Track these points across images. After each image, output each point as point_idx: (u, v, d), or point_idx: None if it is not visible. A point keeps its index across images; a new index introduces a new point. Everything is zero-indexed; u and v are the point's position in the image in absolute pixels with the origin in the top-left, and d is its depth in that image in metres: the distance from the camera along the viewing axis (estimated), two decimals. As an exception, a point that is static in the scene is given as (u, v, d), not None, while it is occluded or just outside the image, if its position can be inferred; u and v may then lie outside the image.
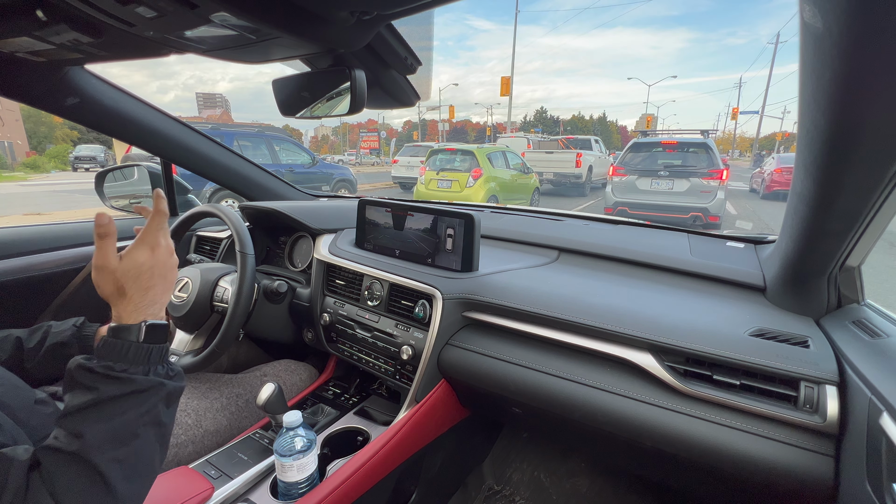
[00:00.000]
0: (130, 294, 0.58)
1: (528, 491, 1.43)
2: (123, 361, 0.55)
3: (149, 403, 0.55)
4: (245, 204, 1.42)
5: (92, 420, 0.51)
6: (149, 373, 0.56)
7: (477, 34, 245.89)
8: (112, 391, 0.53)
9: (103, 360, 0.54)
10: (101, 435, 0.50)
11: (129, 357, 0.55)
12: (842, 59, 0.41)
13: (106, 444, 0.50)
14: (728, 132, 63.78)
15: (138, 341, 0.56)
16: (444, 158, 8.04)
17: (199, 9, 0.58)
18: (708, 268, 1.04)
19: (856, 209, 0.59)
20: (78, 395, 0.53)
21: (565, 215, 1.52)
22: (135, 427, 0.53)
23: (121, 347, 0.55)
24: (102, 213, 0.58)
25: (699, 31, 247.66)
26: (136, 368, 0.55)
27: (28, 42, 0.80)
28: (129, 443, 0.52)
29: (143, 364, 0.56)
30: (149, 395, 0.55)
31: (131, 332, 0.57)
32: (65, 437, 0.50)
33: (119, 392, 0.53)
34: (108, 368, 0.54)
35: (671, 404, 0.75)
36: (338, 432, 1.05)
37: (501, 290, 0.98)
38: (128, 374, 0.54)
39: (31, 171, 20.88)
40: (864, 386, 0.57)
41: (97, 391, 0.52)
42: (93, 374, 0.53)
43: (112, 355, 0.55)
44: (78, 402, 0.52)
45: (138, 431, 0.53)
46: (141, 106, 1.27)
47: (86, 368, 0.53)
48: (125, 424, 0.52)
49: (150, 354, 0.57)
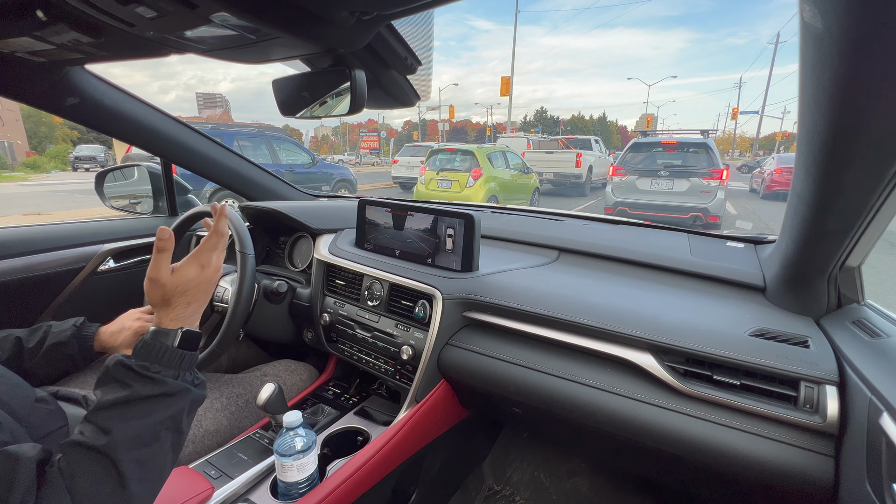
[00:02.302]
0: (174, 305, 0.62)
1: (528, 491, 1.43)
2: (158, 363, 0.57)
3: (174, 408, 0.57)
4: (245, 204, 1.42)
5: (121, 417, 0.53)
6: (178, 377, 0.58)
7: (478, 34, 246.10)
8: (145, 391, 0.55)
9: (141, 359, 0.57)
10: (128, 433, 0.52)
11: (164, 360, 0.58)
12: (842, 59, 0.41)
13: (131, 443, 0.52)
14: (728, 132, 63.81)
15: (174, 346, 0.59)
16: (444, 158, 8.04)
17: (199, 9, 0.58)
18: (708, 268, 1.04)
19: (856, 209, 0.58)
20: (111, 390, 0.55)
21: (565, 215, 1.52)
22: (158, 430, 0.55)
23: (158, 349, 0.58)
24: (165, 228, 0.62)
25: (699, 31, 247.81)
26: (168, 371, 0.58)
27: (28, 42, 0.80)
28: (151, 445, 0.54)
29: (175, 368, 0.59)
30: (176, 399, 0.57)
31: (168, 337, 0.60)
32: (92, 431, 0.52)
33: (151, 392, 0.55)
34: (145, 368, 0.56)
35: (671, 404, 0.75)
36: (338, 432, 1.05)
37: (501, 290, 0.98)
38: (161, 375, 0.56)
39: (31, 171, 20.88)
40: (864, 386, 0.57)
41: (131, 388, 0.54)
42: (130, 372, 0.55)
43: (149, 356, 0.57)
44: (111, 398, 0.54)
45: (160, 435, 0.55)
46: (141, 106, 1.27)
47: (124, 365, 0.56)
48: (150, 426, 0.54)
49: (182, 360, 0.59)
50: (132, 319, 1.03)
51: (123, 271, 1.44)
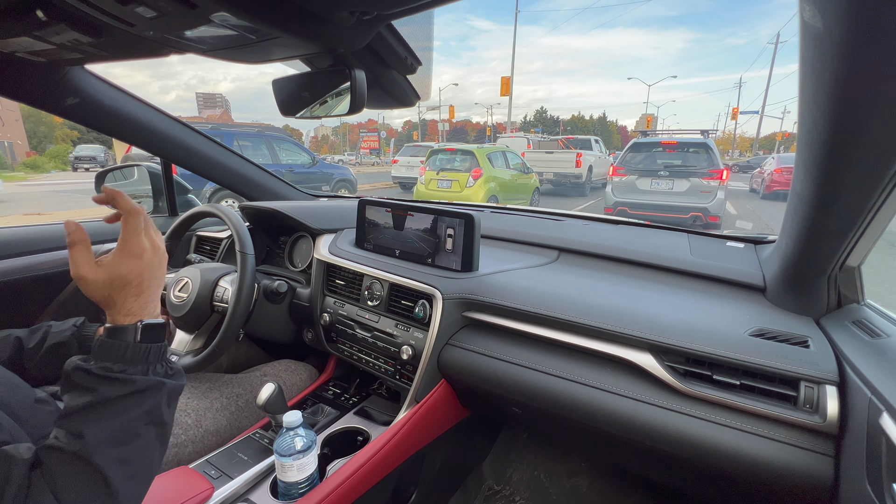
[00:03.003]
0: (121, 302, 0.57)
1: (528, 491, 1.43)
2: (122, 362, 0.54)
3: (149, 403, 0.54)
4: (245, 204, 1.42)
5: (92, 420, 0.50)
6: (148, 372, 0.55)
7: (478, 34, 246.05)
8: (111, 392, 0.52)
9: (101, 360, 0.53)
10: (102, 435, 0.50)
11: (126, 357, 0.54)
12: (842, 59, 0.41)
13: (106, 444, 0.50)
14: (728, 132, 63.79)
15: (135, 341, 0.55)
16: (444, 158, 8.04)
17: (199, 9, 0.58)
18: (708, 268, 1.04)
19: (856, 209, 0.58)
20: (76, 396, 0.52)
21: (565, 215, 1.52)
22: (136, 427, 0.53)
23: (118, 348, 0.54)
24: (70, 221, 0.56)
25: (700, 31, 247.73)
26: (134, 368, 0.54)
27: (28, 42, 0.80)
28: (130, 442, 0.52)
29: (142, 364, 0.55)
30: (149, 394, 0.54)
31: (127, 333, 0.55)
32: (65, 436, 0.50)
33: (118, 393, 0.52)
34: (107, 370, 0.53)
35: (671, 404, 0.75)
36: (338, 432, 1.05)
37: (501, 290, 0.98)
38: (126, 374, 0.53)
39: (31, 171, 20.88)
40: (864, 386, 0.57)
41: (95, 392, 0.51)
42: (90, 376, 0.52)
43: (109, 356, 0.54)
44: (77, 403, 0.51)
45: (139, 431, 0.53)
46: (141, 106, 1.27)
47: (83, 370, 0.52)
48: (126, 424, 0.52)
49: (148, 354, 0.56)
50: (132, 319, 1.03)
51: (123, 271, 1.44)
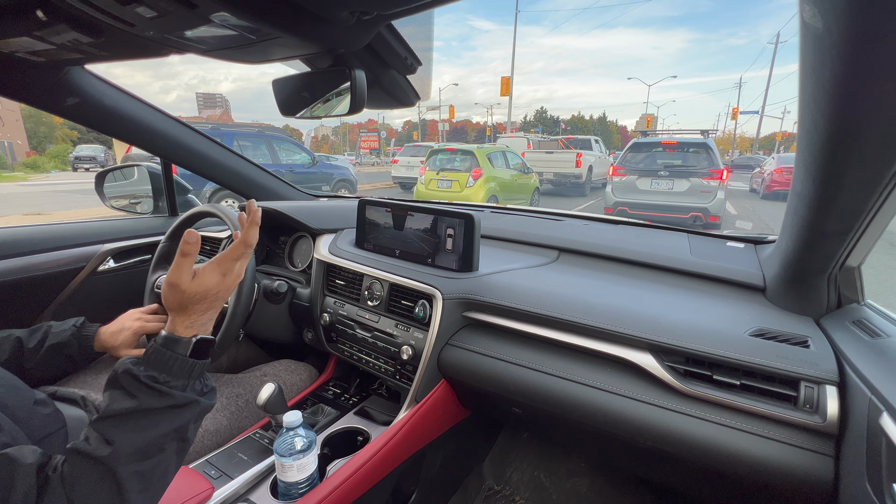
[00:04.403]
0: (191, 312, 0.60)
1: (528, 491, 1.43)
2: (167, 373, 0.56)
3: (181, 420, 0.56)
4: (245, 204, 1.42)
5: (125, 429, 0.52)
6: (186, 388, 0.58)
7: (479, 34, 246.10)
8: (152, 403, 0.54)
9: (150, 368, 0.56)
10: (132, 446, 0.52)
11: (173, 370, 0.57)
12: (842, 59, 0.41)
13: (132, 456, 0.52)
14: (728, 132, 63.77)
15: (185, 355, 0.58)
16: (444, 158, 8.04)
17: (199, 9, 0.58)
18: (708, 268, 1.04)
19: (856, 209, 0.58)
20: (118, 398, 0.54)
21: (565, 215, 1.52)
22: (163, 442, 0.55)
23: (168, 358, 0.57)
24: (192, 232, 0.60)
25: (700, 31, 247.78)
26: (176, 382, 0.57)
27: (28, 42, 0.80)
28: (154, 456, 0.54)
29: (184, 379, 0.58)
30: (183, 411, 0.57)
31: (180, 345, 0.58)
32: (95, 440, 0.51)
33: (157, 405, 0.54)
34: (152, 379, 0.55)
35: (671, 404, 0.75)
36: (338, 432, 1.05)
37: (501, 290, 0.98)
38: (168, 387, 0.56)
39: (31, 171, 20.88)
40: (864, 386, 0.57)
41: (137, 400, 0.54)
42: (136, 382, 0.54)
43: (158, 365, 0.56)
44: (116, 408, 0.53)
45: (165, 446, 0.55)
46: (141, 106, 1.27)
47: (131, 374, 0.55)
48: (155, 439, 0.54)
49: (192, 369, 0.58)
50: (132, 319, 1.03)
51: (123, 271, 1.44)
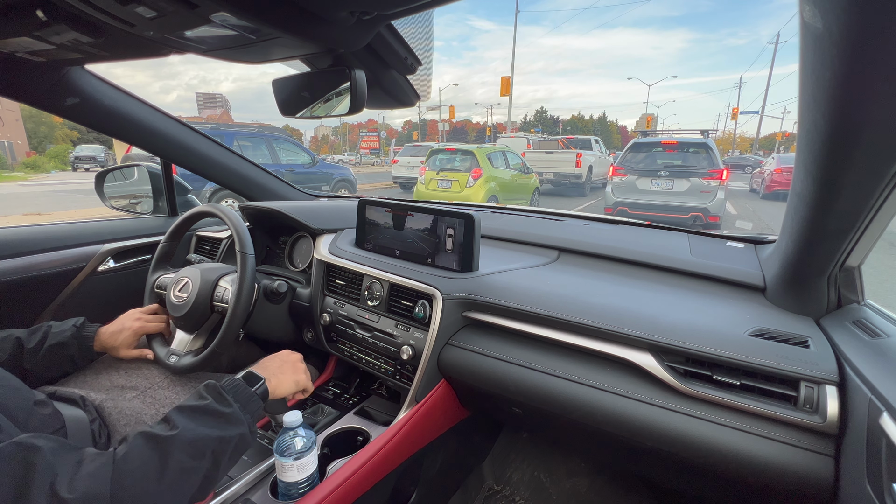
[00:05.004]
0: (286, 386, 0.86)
1: (528, 491, 1.43)
2: (233, 395, 0.71)
3: (228, 433, 0.66)
4: (245, 204, 1.42)
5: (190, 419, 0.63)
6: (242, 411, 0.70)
7: (479, 35, 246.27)
8: (216, 407, 0.67)
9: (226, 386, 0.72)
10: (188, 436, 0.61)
11: (241, 397, 0.72)
12: (842, 59, 0.41)
13: (187, 446, 0.60)
14: (728, 132, 63.78)
15: (254, 391, 0.75)
16: (444, 158, 8.04)
17: (199, 9, 0.58)
18: (708, 268, 1.04)
19: (856, 209, 0.58)
20: (193, 398, 0.69)
21: (565, 215, 1.52)
22: (206, 447, 0.62)
23: (241, 387, 0.74)
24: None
25: (700, 31, 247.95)
26: (237, 404, 0.70)
27: (28, 42, 0.80)
28: (196, 459, 0.60)
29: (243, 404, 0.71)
30: (232, 425, 0.67)
31: (254, 383, 0.77)
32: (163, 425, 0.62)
33: (219, 410, 0.67)
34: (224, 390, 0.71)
35: (671, 404, 0.75)
36: (338, 432, 1.05)
37: (501, 290, 0.98)
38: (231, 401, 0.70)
39: (31, 171, 20.89)
40: (864, 386, 0.57)
41: (207, 401, 0.67)
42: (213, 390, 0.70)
43: (233, 388, 0.72)
44: (190, 403, 0.67)
45: (206, 453, 0.62)
46: (141, 106, 1.27)
47: (212, 385, 0.71)
48: (204, 438, 0.62)
49: (250, 401, 0.73)
50: (132, 319, 1.03)
51: (123, 271, 1.44)
